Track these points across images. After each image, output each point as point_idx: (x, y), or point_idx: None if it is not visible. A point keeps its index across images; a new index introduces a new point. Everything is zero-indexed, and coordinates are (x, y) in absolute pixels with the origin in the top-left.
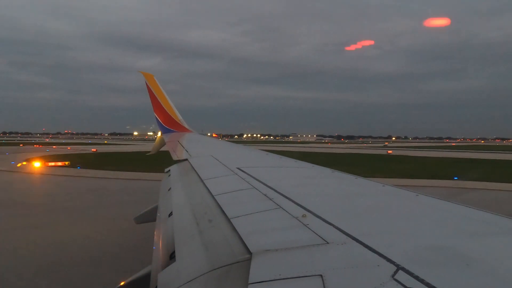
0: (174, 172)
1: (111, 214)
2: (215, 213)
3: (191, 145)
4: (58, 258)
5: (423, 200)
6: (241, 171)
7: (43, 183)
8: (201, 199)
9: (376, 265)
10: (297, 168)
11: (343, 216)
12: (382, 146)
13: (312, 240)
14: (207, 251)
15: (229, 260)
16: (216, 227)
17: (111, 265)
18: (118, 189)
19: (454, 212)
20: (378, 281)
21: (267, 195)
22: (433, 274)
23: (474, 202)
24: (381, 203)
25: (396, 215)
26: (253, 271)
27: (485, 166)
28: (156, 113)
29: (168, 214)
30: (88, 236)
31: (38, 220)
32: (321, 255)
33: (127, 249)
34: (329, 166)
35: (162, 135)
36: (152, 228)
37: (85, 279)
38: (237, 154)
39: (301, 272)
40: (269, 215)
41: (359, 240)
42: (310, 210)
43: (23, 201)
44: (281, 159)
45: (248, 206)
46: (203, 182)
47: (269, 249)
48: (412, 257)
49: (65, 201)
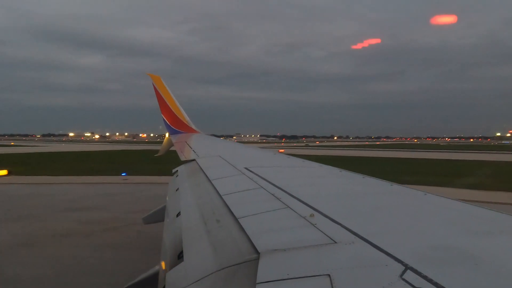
0: (182, 172)
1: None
2: (223, 213)
3: (198, 146)
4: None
5: (431, 199)
6: (248, 171)
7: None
8: (209, 199)
9: (384, 264)
10: (305, 167)
11: (351, 216)
12: (303, 146)
13: (320, 239)
14: (215, 250)
15: (237, 260)
16: (224, 227)
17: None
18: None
19: (462, 211)
20: (386, 281)
21: (275, 195)
22: (441, 274)
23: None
24: (389, 202)
25: (404, 214)
26: (261, 271)
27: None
28: (163, 115)
29: (176, 214)
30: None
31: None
32: (329, 255)
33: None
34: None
35: (170, 136)
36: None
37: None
38: (245, 154)
39: (309, 271)
40: (276, 214)
41: (367, 240)
42: (317, 210)
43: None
44: (289, 159)
45: (256, 206)
46: (210, 182)
47: (277, 249)
48: (421, 256)
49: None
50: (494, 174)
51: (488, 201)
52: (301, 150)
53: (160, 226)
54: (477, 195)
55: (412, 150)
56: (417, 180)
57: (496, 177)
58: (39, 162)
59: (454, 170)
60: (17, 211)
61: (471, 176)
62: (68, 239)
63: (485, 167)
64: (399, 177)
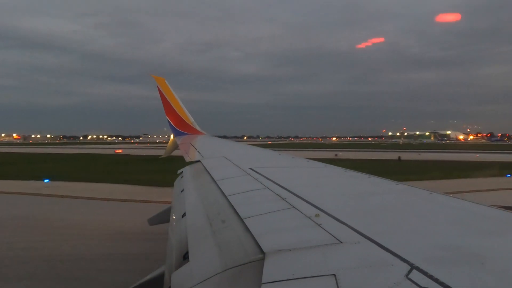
0: (187, 173)
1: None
2: (228, 213)
3: (203, 147)
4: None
5: (437, 198)
6: (253, 172)
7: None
8: (214, 199)
9: (390, 264)
10: (310, 168)
11: (356, 215)
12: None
13: (326, 239)
14: (220, 251)
15: (242, 260)
16: (229, 227)
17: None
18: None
19: (468, 210)
20: (392, 281)
21: (280, 195)
22: (447, 273)
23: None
24: (395, 201)
25: (410, 214)
26: (267, 271)
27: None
28: (168, 116)
29: (182, 215)
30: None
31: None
32: (335, 255)
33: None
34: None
35: (175, 138)
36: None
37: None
38: (250, 155)
39: (315, 272)
40: (282, 215)
41: (373, 239)
42: (323, 210)
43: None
44: (294, 159)
45: (261, 206)
46: (216, 183)
47: (282, 249)
48: (427, 256)
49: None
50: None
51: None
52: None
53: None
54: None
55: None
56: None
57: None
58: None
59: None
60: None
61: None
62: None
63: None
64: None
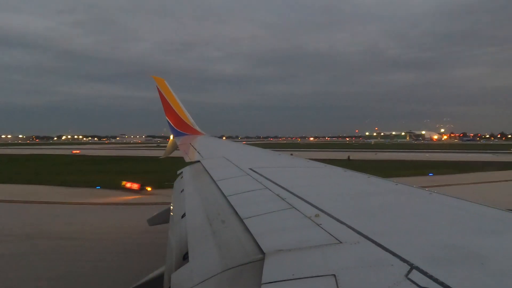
0: (187, 174)
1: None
2: (228, 213)
3: (203, 147)
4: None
5: (437, 198)
6: (253, 172)
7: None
8: (214, 200)
9: (389, 264)
10: (309, 168)
11: (356, 215)
12: (155, 146)
13: (325, 239)
14: (220, 251)
15: (242, 260)
16: (229, 227)
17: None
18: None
19: (468, 210)
20: (392, 281)
21: (280, 195)
22: (447, 273)
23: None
24: (394, 201)
25: (410, 214)
26: (266, 271)
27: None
28: (167, 117)
29: (181, 216)
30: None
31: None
32: (334, 255)
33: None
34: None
35: (174, 139)
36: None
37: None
38: (250, 155)
39: (314, 272)
40: (282, 215)
41: (372, 240)
42: (323, 210)
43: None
44: (293, 159)
45: (261, 207)
46: (215, 183)
47: (282, 249)
48: (426, 256)
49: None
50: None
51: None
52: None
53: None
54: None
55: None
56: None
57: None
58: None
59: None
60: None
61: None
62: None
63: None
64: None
